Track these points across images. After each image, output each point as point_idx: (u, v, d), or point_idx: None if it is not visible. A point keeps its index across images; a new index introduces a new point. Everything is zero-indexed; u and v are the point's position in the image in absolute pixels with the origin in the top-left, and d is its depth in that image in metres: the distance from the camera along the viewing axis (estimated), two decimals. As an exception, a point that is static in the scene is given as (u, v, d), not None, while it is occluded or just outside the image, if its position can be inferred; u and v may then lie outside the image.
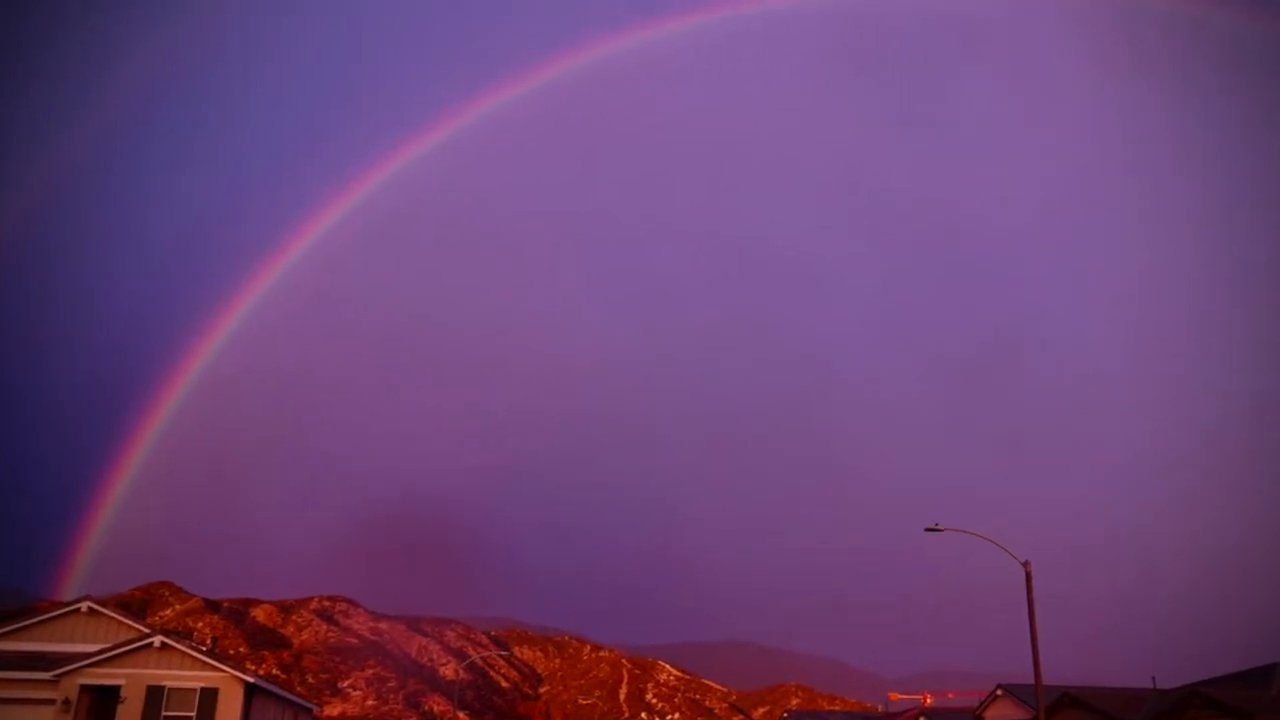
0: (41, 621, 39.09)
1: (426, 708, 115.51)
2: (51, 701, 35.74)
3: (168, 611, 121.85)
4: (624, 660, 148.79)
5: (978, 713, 51.37)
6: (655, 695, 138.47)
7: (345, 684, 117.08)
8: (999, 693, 49.94)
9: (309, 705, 49.65)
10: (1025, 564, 31.16)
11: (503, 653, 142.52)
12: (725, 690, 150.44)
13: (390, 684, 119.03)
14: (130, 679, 36.24)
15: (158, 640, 37.17)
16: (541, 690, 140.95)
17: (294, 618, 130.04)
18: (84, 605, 39.17)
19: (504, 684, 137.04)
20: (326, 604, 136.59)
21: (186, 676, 36.74)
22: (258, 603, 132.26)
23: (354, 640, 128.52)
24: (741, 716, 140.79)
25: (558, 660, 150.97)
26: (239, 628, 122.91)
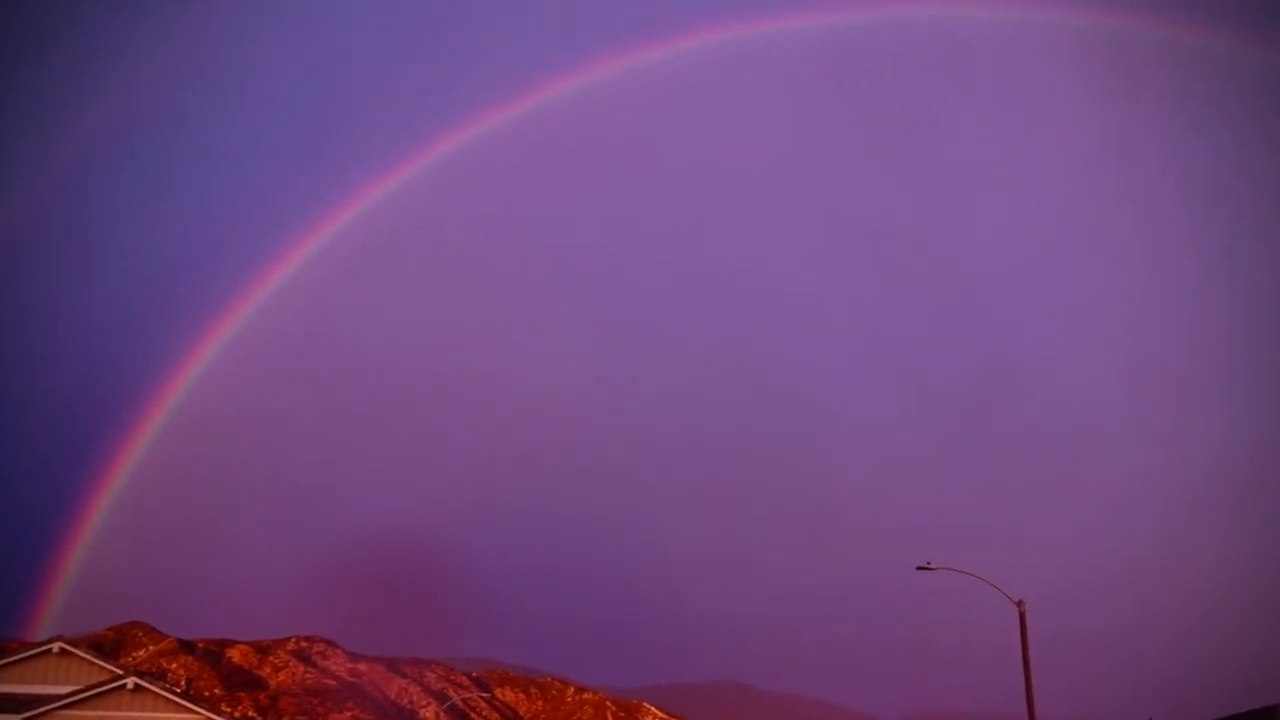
0: (11, 663, 38.29)
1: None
2: (20, 746, 34.80)
3: (141, 652, 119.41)
4: (608, 702, 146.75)
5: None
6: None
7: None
8: (990, 735, 49.38)
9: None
10: (1019, 603, 30.82)
11: (484, 694, 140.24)
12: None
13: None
14: (102, 722, 35.39)
15: (131, 682, 36.48)
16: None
17: (271, 658, 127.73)
18: (55, 646, 38.39)
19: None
20: (304, 644, 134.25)
21: (161, 719, 35.92)
22: (234, 643, 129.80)
23: (332, 682, 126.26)
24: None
25: (540, 702, 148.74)
26: (214, 669, 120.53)
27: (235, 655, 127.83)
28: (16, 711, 35.24)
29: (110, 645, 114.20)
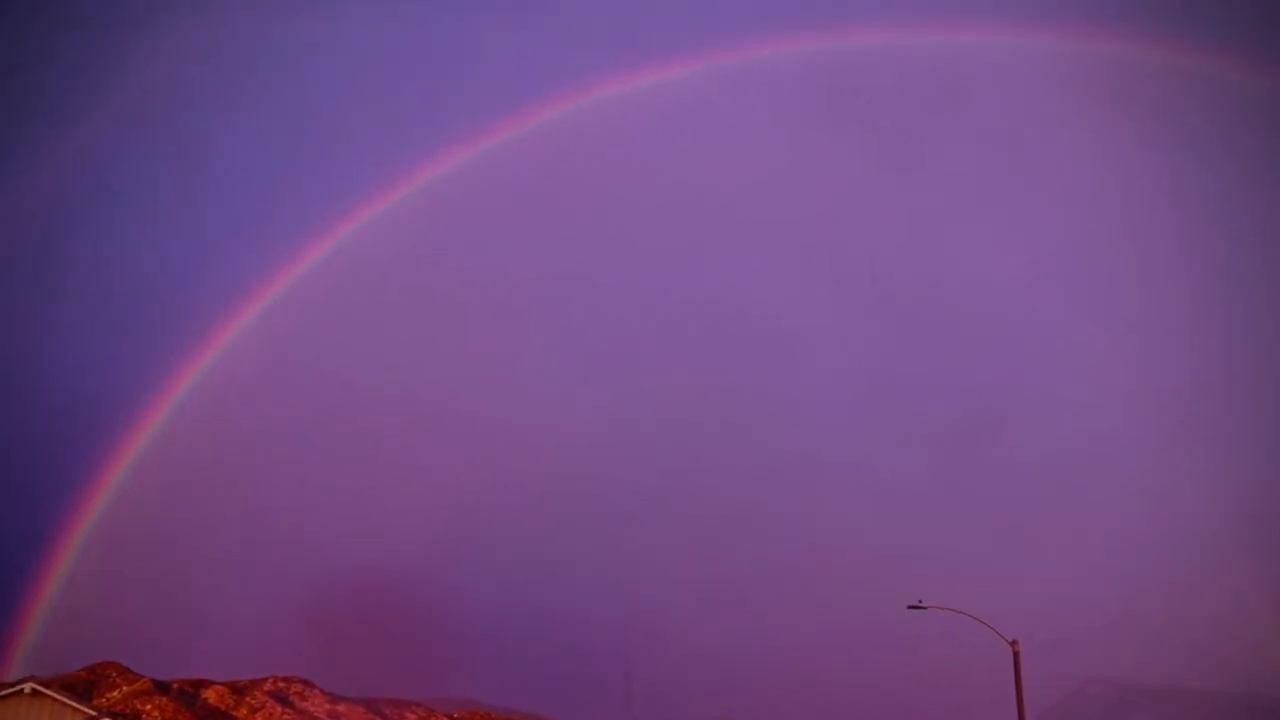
0: (-20, 704, 37.40)
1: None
2: (-13, 792, 33.92)
3: (115, 693, 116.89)
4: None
5: (960, 799, 50.11)
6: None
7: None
8: (982, 778, 48.77)
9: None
10: (1013, 643, 30.57)
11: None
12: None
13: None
14: (73, 767, 34.54)
15: (105, 724, 35.67)
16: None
17: (248, 699, 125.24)
18: (27, 686, 37.64)
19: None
20: (281, 685, 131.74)
21: (134, 764, 35.12)
22: (209, 683, 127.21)
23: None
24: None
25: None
26: (190, 710, 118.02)
27: (211, 696, 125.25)
28: (-16, 756, 34.37)
29: (83, 686, 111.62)
